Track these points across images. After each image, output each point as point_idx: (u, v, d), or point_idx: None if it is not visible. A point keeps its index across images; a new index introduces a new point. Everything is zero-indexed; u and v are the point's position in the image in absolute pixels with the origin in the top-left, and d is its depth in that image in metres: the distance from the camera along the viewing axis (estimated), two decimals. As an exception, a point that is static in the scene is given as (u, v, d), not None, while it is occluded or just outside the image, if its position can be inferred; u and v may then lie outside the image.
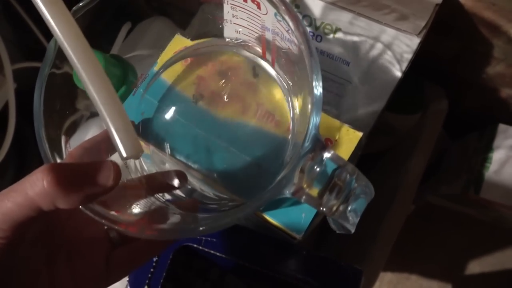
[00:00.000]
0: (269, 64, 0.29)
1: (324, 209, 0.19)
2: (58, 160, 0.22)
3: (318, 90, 0.19)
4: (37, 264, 0.21)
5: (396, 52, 0.30)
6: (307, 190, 0.19)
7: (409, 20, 0.28)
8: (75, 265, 0.22)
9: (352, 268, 0.29)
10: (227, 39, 0.30)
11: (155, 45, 0.38)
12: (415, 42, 0.28)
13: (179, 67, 0.30)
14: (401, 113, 0.43)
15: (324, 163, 0.19)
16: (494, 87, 0.43)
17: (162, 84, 0.30)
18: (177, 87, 0.29)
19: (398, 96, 0.35)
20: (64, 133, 0.24)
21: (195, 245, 0.30)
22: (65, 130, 0.24)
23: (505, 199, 0.42)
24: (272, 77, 0.29)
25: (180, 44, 0.31)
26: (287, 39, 0.24)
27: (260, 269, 0.29)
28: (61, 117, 0.24)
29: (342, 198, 0.19)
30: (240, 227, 0.31)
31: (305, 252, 0.29)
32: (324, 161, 0.19)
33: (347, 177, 0.19)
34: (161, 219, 0.24)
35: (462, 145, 0.53)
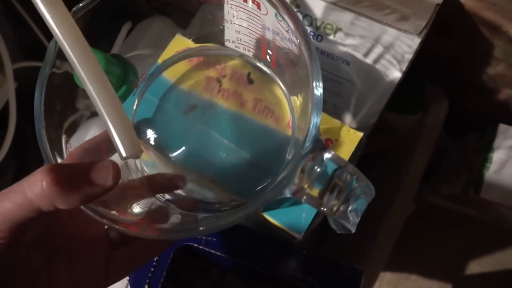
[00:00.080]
0: (269, 65, 0.29)
1: (325, 209, 0.19)
2: (59, 160, 0.22)
3: (318, 90, 0.19)
4: (37, 264, 0.21)
5: (397, 52, 0.30)
6: (308, 190, 0.19)
7: (410, 20, 0.28)
8: (75, 266, 0.22)
9: (352, 268, 0.29)
10: (228, 44, 0.30)
11: (155, 44, 0.38)
12: (415, 42, 0.28)
13: (182, 66, 0.30)
14: (401, 113, 0.43)
15: (324, 163, 0.19)
16: (494, 87, 0.43)
17: (164, 82, 0.30)
18: (179, 86, 0.29)
19: (398, 96, 0.35)
20: (65, 133, 0.24)
21: (196, 245, 0.30)
22: (65, 130, 0.24)
23: (505, 199, 0.42)
24: (271, 78, 0.29)
25: (180, 44, 0.31)
26: (288, 39, 0.24)
27: (260, 268, 0.29)
28: (61, 117, 0.24)
29: (342, 198, 0.19)
30: (240, 227, 0.31)
31: (305, 252, 0.29)
32: (325, 161, 0.19)
33: (347, 177, 0.19)
34: (162, 219, 0.24)
35: (462, 145, 0.53)
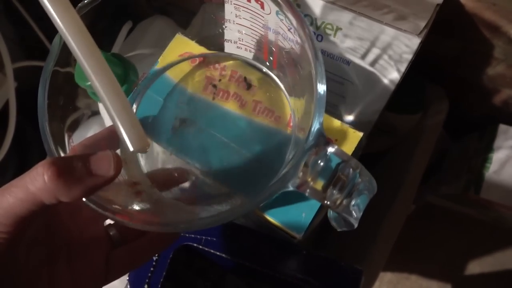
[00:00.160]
0: (270, 66, 0.29)
1: (328, 202, 0.19)
2: (62, 155, 0.22)
3: (322, 85, 0.19)
4: (37, 263, 0.21)
5: (397, 52, 0.30)
6: (312, 184, 0.19)
7: (409, 20, 0.28)
8: (75, 265, 0.22)
9: (352, 268, 0.29)
10: (229, 44, 0.30)
11: (156, 44, 0.38)
12: (415, 42, 0.28)
13: (185, 66, 0.30)
14: (402, 113, 0.43)
15: (328, 157, 0.19)
16: (494, 87, 0.43)
17: (168, 82, 0.30)
18: (181, 85, 0.30)
19: (399, 96, 0.35)
20: (67, 128, 0.24)
21: (195, 245, 0.30)
22: (67, 127, 0.24)
23: (505, 200, 0.42)
24: (272, 79, 0.29)
25: (180, 44, 0.31)
26: (290, 38, 0.24)
27: (260, 268, 0.29)
28: (64, 113, 0.24)
29: (345, 192, 0.19)
30: (240, 226, 0.31)
31: (305, 252, 0.29)
32: (328, 155, 0.19)
33: (350, 171, 0.19)
34: (163, 213, 0.24)
35: (462, 145, 0.53)
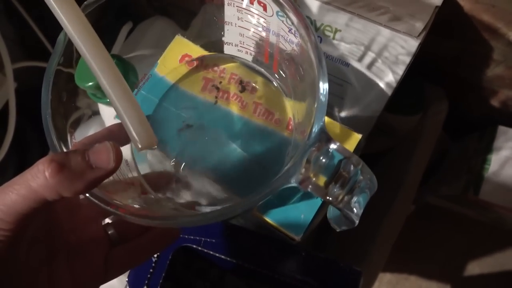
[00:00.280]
0: (270, 68, 0.29)
1: (330, 198, 0.19)
2: (64, 150, 0.22)
3: (324, 82, 0.20)
4: (37, 263, 0.21)
5: (392, 54, 0.30)
6: (314, 180, 0.19)
7: (404, 20, 0.28)
8: (75, 265, 0.22)
9: (351, 269, 0.29)
10: (230, 47, 0.30)
11: (156, 45, 0.38)
12: (412, 44, 0.28)
13: (183, 68, 0.30)
14: (401, 114, 0.43)
15: (330, 154, 0.19)
16: (493, 88, 0.43)
17: (163, 83, 0.30)
18: (180, 86, 0.30)
19: (398, 97, 0.35)
20: (70, 126, 0.24)
21: (195, 246, 0.30)
22: (70, 124, 0.24)
23: (504, 201, 0.42)
24: (272, 81, 0.29)
25: (180, 45, 0.31)
26: (291, 40, 0.24)
27: (259, 269, 0.29)
28: (66, 109, 0.24)
29: (347, 189, 0.19)
30: (240, 227, 0.31)
31: (304, 253, 0.30)
32: (330, 152, 0.19)
33: (352, 168, 0.19)
34: (161, 212, 0.24)
35: (462, 146, 0.53)
